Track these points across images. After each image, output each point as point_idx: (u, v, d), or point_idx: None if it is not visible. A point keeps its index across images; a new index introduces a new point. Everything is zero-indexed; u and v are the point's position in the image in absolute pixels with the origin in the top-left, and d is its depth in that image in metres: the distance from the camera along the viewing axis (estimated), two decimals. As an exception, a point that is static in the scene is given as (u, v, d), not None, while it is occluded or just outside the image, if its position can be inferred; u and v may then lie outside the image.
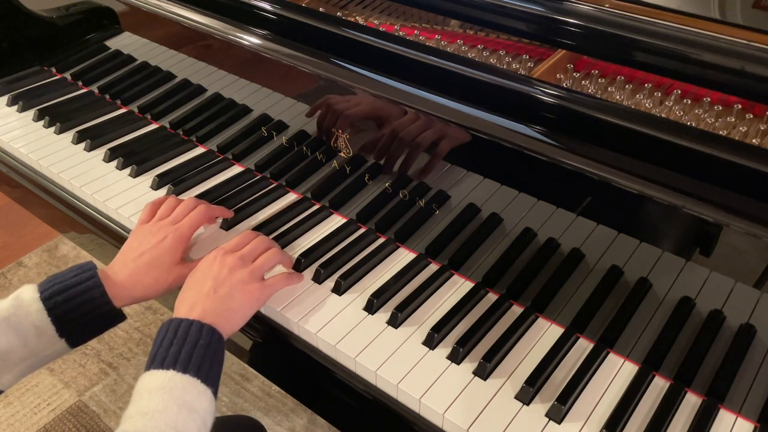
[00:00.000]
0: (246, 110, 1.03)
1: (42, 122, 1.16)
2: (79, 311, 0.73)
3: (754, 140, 0.72)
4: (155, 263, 0.79)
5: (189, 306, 0.73)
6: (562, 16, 0.80)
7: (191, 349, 0.66)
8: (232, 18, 0.96)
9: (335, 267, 0.87)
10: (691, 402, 0.72)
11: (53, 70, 1.31)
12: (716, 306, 0.70)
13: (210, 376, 0.66)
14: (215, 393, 0.67)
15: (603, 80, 0.82)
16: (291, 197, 1.00)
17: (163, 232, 0.82)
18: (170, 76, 1.12)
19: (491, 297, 0.83)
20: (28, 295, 0.72)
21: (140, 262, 0.79)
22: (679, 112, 0.77)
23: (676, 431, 0.69)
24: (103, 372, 1.68)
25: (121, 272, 0.78)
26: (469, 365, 0.75)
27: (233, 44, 0.95)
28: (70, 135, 1.12)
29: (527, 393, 0.71)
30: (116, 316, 0.77)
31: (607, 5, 0.77)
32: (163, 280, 0.80)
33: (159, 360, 0.66)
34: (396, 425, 0.75)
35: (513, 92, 0.76)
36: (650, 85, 0.79)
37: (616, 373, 0.75)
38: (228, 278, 0.75)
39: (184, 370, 0.65)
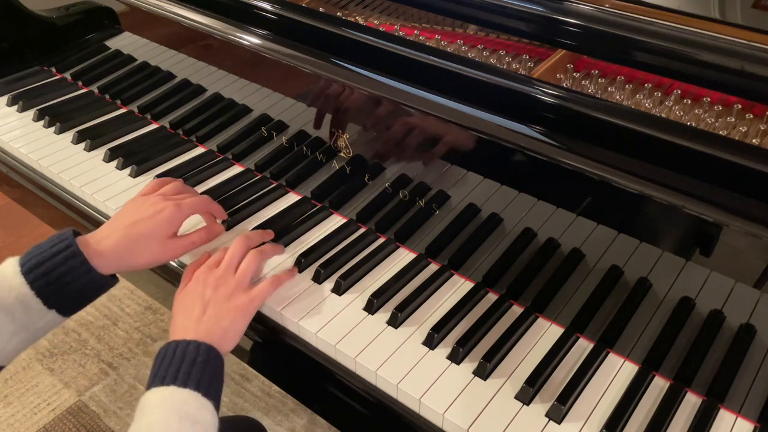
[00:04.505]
0: (246, 110, 1.03)
1: (42, 122, 1.16)
2: (62, 282, 0.71)
3: (754, 140, 0.72)
4: (149, 233, 0.78)
5: (182, 331, 0.73)
6: (562, 16, 0.80)
7: (190, 366, 0.67)
8: (232, 18, 0.96)
9: (335, 267, 0.87)
10: (691, 402, 0.72)
11: (53, 70, 1.31)
12: (716, 306, 0.70)
13: (210, 391, 0.66)
14: (217, 407, 0.67)
15: (603, 80, 0.82)
16: (291, 197, 1.00)
17: (162, 204, 0.81)
18: (170, 76, 1.12)
19: (491, 297, 0.83)
20: (9, 269, 0.71)
21: (133, 230, 0.78)
22: (679, 112, 0.77)
23: (676, 431, 0.69)
24: (103, 372, 1.67)
25: (107, 239, 0.76)
26: (469, 365, 0.75)
27: (233, 44, 0.95)
28: (70, 135, 1.12)
29: (527, 393, 0.71)
30: (105, 283, 0.76)
31: (607, 5, 0.77)
32: (155, 250, 0.79)
33: (159, 378, 0.66)
34: (396, 425, 0.75)
35: (513, 92, 0.76)
36: (650, 85, 0.79)
37: (616, 373, 0.75)
38: (214, 297, 0.75)
39: (184, 385, 0.65)
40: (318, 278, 0.85)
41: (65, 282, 0.72)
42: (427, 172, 0.85)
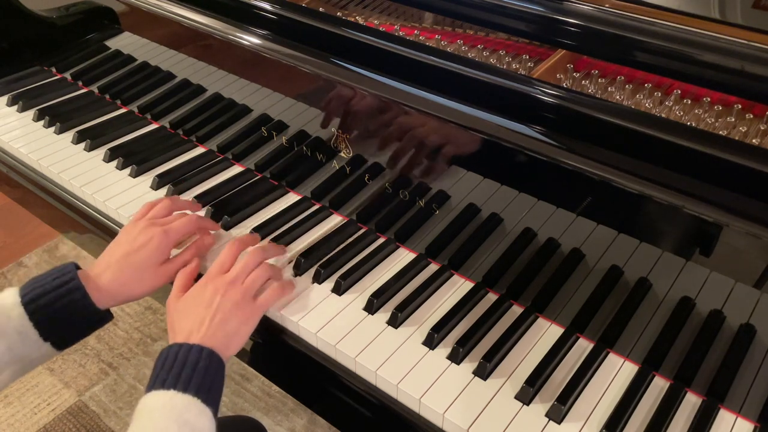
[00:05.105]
0: (246, 110, 1.03)
1: (42, 122, 1.16)
2: (61, 315, 0.72)
3: (754, 140, 0.72)
4: (141, 265, 0.79)
5: (186, 334, 0.72)
6: (562, 16, 0.80)
7: (191, 371, 0.66)
8: (232, 18, 0.96)
9: (335, 267, 0.87)
10: (691, 402, 0.72)
11: (53, 70, 1.31)
12: (716, 306, 0.70)
13: (210, 397, 0.66)
14: (215, 414, 0.67)
15: (603, 80, 0.82)
16: (291, 197, 1.00)
17: (150, 232, 0.81)
18: (170, 76, 1.12)
19: (491, 297, 0.83)
20: (9, 299, 0.71)
21: (125, 262, 0.78)
22: (679, 112, 0.77)
23: (676, 431, 0.69)
24: (103, 372, 1.68)
25: (104, 274, 0.77)
26: (469, 365, 0.75)
27: (233, 44, 0.95)
28: (70, 135, 1.12)
29: (527, 393, 0.71)
30: (102, 318, 0.77)
31: (607, 5, 0.77)
32: (148, 280, 0.79)
33: (160, 381, 0.66)
34: (396, 425, 0.75)
35: (513, 92, 0.76)
36: (650, 85, 0.79)
37: (616, 373, 0.75)
38: (222, 304, 0.74)
39: (185, 390, 0.65)
40: (318, 278, 0.85)
41: (65, 315, 0.72)
42: (427, 172, 0.84)
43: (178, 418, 0.62)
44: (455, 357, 0.75)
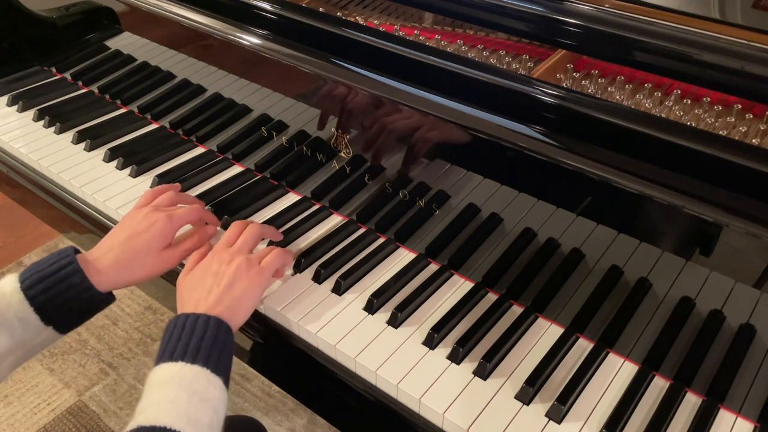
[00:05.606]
0: (246, 110, 1.03)
1: (42, 122, 1.16)
2: (61, 299, 0.72)
3: (754, 140, 0.72)
4: (143, 247, 0.79)
5: (194, 303, 0.73)
6: (562, 16, 0.80)
7: (199, 341, 0.67)
8: (232, 18, 0.96)
9: (335, 267, 0.87)
10: (691, 402, 0.72)
11: (53, 70, 1.31)
12: (716, 306, 0.70)
13: (219, 366, 0.67)
14: (226, 383, 0.67)
15: (603, 80, 0.82)
16: (291, 197, 1.00)
17: (154, 216, 0.81)
18: (170, 76, 1.12)
19: (491, 297, 0.84)
20: (8, 286, 0.71)
21: (127, 245, 0.78)
22: (679, 112, 0.77)
23: (676, 431, 0.69)
24: (103, 372, 1.68)
25: (105, 257, 0.77)
26: (469, 365, 0.75)
27: (233, 44, 0.95)
28: (70, 135, 1.12)
29: (527, 393, 0.71)
30: (103, 300, 0.76)
31: (607, 5, 0.77)
32: (150, 264, 0.80)
33: (168, 354, 0.66)
34: (396, 425, 0.75)
35: (513, 92, 0.76)
36: (650, 85, 0.79)
37: (616, 373, 0.75)
38: (227, 270, 0.76)
39: (193, 361, 0.65)
40: (318, 278, 0.85)
41: (65, 299, 0.72)
42: (427, 172, 0.85)
43: (188, 388, 0.63)
44: (455, 357, 0.75)
